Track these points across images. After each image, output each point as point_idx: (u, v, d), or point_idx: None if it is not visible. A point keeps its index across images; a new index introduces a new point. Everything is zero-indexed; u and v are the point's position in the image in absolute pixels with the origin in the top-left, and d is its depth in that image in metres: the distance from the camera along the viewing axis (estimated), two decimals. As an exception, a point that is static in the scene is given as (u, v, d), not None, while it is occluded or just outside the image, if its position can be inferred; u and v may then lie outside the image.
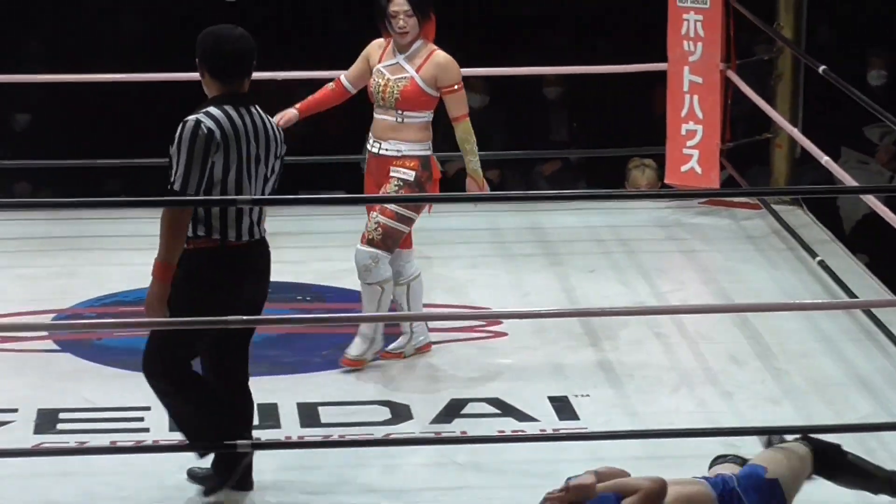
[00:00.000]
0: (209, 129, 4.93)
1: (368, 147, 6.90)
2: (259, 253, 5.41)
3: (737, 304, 7.89)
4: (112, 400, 6.66)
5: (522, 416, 6.49)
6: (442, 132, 7.44)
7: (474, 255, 8.84)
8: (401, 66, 6.73)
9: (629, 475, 4.78)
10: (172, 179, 5.07)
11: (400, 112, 6.75)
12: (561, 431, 6.32)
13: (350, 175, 8.99)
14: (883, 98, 9.34)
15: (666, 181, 9.27)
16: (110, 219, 8.84)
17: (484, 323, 7.53)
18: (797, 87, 9.01)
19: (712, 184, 9.03)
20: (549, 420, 6.40)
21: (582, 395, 6.69)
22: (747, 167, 9.71)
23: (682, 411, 6.48)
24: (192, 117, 5.04)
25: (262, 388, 6.29)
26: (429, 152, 6.86)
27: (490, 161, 10.91)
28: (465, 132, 6.83)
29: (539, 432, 6.37)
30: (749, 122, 9.63)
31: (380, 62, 6.81)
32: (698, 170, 9.11)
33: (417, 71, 6.68)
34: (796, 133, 8.67)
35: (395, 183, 6.70)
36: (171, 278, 5.22)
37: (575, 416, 6.46)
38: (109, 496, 5.75)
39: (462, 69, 7.33)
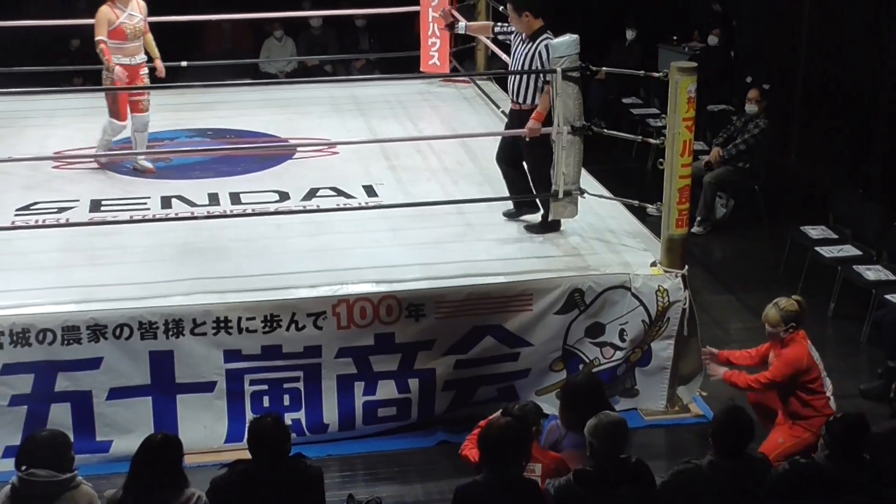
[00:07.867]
0: None
1: (125, 62, 8.54)
2: None
3: (460, 133, 9.52)
4: (128, 193, 8.47)
5: (348, 196, 8.28)
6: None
7: (320, 111, 10.38)
8: (131, 15, 8.63)
9: None
10: None
11: (140, 38, 8.71)
12: (369, 203, 8.14)
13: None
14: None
15: (421, 70, 10.99)
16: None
17: (326, 149, 9.14)
18: (488, 17, 10.60)
19: (445, 71, 10.99)
20: (363, 198, 8.27)
21: (379, 184, 8.53)
22: (463, 62, 11.71)
23: (432, 191, 8.39)
24: None
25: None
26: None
27: (328, 61, 12.52)
28: (150, 39, 8.82)
29: (357, 204, 8.12)
30: (464, 39, 11.11)
31: (118, 19, 8.56)
32: (438, 63, 11.02)
33: (140, 13, 8.70)
34: (489, 43, 10.07)
35: (147, 74, 8.80)
36: None
37: (376, 195, 8.32)
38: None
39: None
